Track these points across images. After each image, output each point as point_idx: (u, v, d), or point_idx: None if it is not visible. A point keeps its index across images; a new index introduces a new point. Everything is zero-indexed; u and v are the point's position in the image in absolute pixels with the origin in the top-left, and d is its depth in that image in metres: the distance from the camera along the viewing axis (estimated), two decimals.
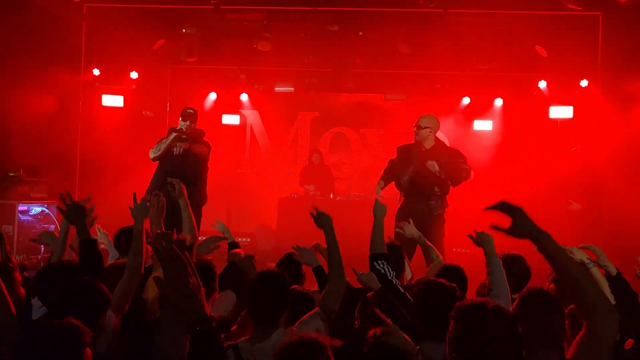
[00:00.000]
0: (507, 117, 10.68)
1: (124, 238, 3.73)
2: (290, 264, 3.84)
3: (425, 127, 5.92)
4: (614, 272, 3.27)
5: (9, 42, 7.83)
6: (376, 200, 3.89)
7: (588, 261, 3.35)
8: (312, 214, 3.41)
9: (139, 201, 3.30)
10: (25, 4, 7.96)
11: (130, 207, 3.29)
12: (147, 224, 3.37)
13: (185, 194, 4.16)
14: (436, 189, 5.85)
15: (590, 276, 2.71)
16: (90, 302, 2.70)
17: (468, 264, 4.22)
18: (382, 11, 8.85)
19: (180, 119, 6.24)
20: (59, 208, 3.28)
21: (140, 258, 3.11)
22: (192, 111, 6.23)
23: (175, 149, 6.13)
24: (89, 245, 3.18)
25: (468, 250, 9.34)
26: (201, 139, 6.38)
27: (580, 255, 3.40)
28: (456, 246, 8.99)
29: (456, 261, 4.18)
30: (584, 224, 8.17)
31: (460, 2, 8.21)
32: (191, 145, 6.21)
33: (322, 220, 3.38)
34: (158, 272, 2.91)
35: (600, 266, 3.32)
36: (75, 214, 3.20)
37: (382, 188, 6.05)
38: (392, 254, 3.74)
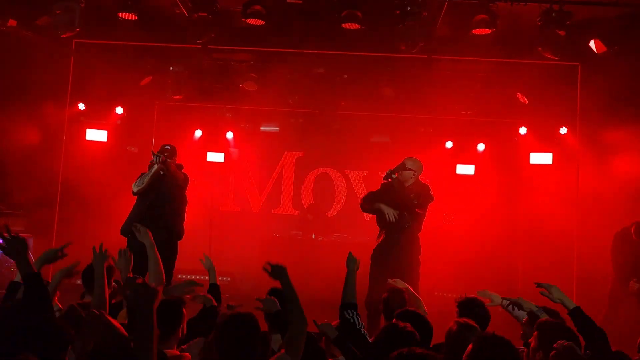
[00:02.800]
0: (489, 162, 10.83)
1: (90, 276, 3.76)
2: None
3: (410, 169, 6.06)
4: (570, 306, 3.43)
5: None
6: (350, 253, 4.07)
7: (536, 309, 3.68)
8: (265, 269, 3.36)
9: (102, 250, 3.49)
10: (15, 37, 8.01)
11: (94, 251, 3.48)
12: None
13: (151, 236, 4.18)
14: (405, 222, 6.05)
15: None
16: (49, 342, 2.66)
17: (448, 307, 4.23)
18: (367, 55, 9.03)
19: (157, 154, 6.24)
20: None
21: (102, 298, 3.30)
22: (169, 147, 6.32)
23: (155, 158, 6.09)
24: (34, 279, 2.97)
25: (449, 295, 9.36)
26: (179, 170, 6.41)
27: (527, 305, 3.74)
28: (437, 290, 9.00)
29: (437, 305, 4.20)
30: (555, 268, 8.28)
31: (443, 49, 8.40)
32: (171, 168, 6.24)
33: (276, 272, 3.33)
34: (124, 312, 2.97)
35: (555, 302, 3.51)
36: (19, 246, 3.07)
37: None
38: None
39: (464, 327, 3.23)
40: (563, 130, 9.69)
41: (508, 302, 4.00)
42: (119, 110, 10.23)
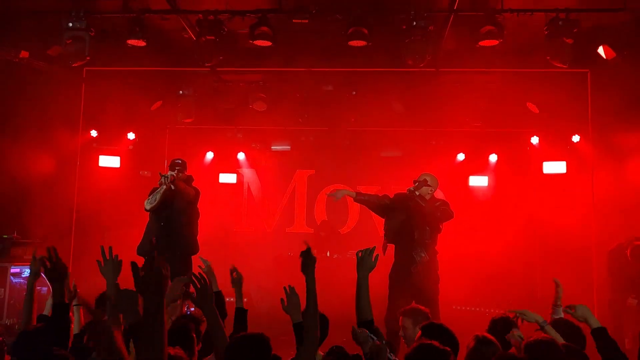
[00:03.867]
0: (502, 173, 10.74)
1: (104, 302, 3.67)
2: None
3: (429, 185, 6.03)
4: (594, 325, 3.40)
5: (10, 103, 7.98)
6: (358, 253, 3.59)
7: (542, 321, 3.66)
8: (305, 242, 3.28)
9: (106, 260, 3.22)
10: (27, 67, 8.15)
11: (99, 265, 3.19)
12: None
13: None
14: (423, 238, 6.03)
15: None
16: None
17: (466, 321, 4.17)
18: (375, 71, 9.05)
19: (169, 171, 6.30)
20: (42, 264, 3.22)
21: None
22: (179, 161, 6.35)
23: (163, 179, 6.10)
24: (62, 308, 3.12)
25: (468, 308, 9.25)
26: (189, 183, 6.42)
27: (533, 317, 3.71)
28: (455, 304, 8.90)
29: (455, 319, 4.13)
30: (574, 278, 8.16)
31: (451, 62, 8.40)
32: (180, 185, 6.26)
33: (307, 261, 3.24)
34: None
35: (579, 320, 3.52)
36: (58, 272, 3.12)
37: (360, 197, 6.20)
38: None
39: (482, 342, 3.18)
40: (576, 138, 9.59)
41: (516, 313, 3.92)
42: (131, 135, 10.33)
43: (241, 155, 11.64)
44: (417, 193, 5.96)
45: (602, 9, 7.13)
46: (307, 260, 3.23)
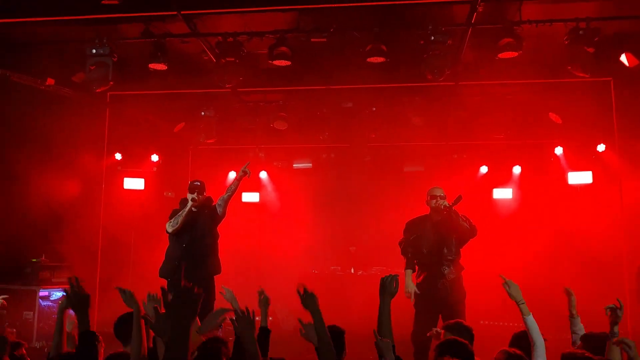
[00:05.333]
0: (526, 185, 10.62)
1: (124, 325, 3.71)
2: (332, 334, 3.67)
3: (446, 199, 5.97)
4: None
5: (38, 130, 8.16)
6: (382, 279, 3.54)
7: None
8: (298, 292, 3.32)
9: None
10: (53, 94, 8.35)
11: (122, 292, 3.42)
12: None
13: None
14: (450, 254, 5.95)
15: None
16: None
17: (494, 335, 4.10)
18: (394, 87, 9.06)
19: (188, 193, 6.26)
20: (65, 293, 3.28)
21: (140, 345, 3.23)
22: (198, 183, 6.30)
23: (187, 201, 6.14)
24: (88, 336, 3.15)
25: (496, 323, 9.08)
26: (209, 205, 6.40)
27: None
28: (484, 319, 8.76)
29: (483, 333, 4.06)
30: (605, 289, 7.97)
31: (471, 75, 8.36)
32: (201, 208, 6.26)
33: (307, 301, 3.29)
34: None
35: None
36: (79, 301, 3.18)
37: (413, 272, 6.03)
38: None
39: (512, 356, 3.13)
40: (601, 147, 9.44)
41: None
42: (155, 157, 10.48)
43: (263, 174, 11.71)
44: (454, 208, 5.86)
45: (623, 17, 7.03)
46: (307, 300, 3.28)
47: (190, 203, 6.14)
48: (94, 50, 7.18)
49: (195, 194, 6.16)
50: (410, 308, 5.99)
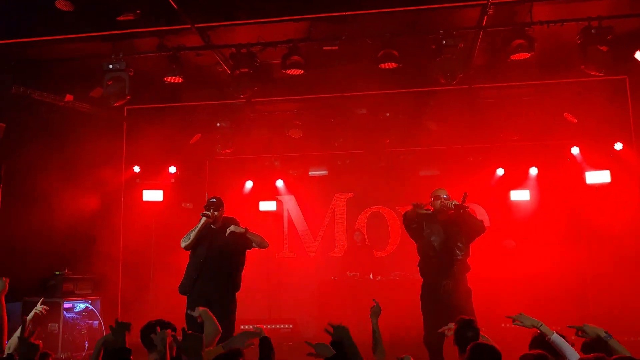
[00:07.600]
0: (543, 186, 10.54)
1: (150, 333, 3.81)
2: None
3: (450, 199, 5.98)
4: (602, 334, 3.49)
5: (58, 145, 8.32)
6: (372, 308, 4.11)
7: (605, 334, 3.59)
8: (327, 331, 3.52)
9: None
10: (72, 109, 8.52)
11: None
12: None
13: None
14: (460, 250, 5.93)
15: None
16: None
17: (513, 335, 4.09)
18: (407, 92, 9.09)
19: (205, 210, 6.15)
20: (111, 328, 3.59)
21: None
22: (214, 200, 6.18)
23: (208, 215, 6.11)
24: (123, 352, 3.44)
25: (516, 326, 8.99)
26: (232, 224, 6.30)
27: (593, 330, 3.66)
28: (504, 321, 8.68)
29: (501, 336, 4.05)
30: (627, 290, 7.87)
31: (483, 77, 8.36)
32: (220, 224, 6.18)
33: (340, 333, 3.47)
34: None
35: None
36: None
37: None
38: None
39: (535, 357, 3.13)
40: (618, 146, 9.35)
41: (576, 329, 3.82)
42: (172, 169, 10.61)
43: (280, 183, 11.78)
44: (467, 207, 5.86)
45: (635, 14, 7.00)
46: (339, 332, 3.48)
47: (203, 219, 6.10)
48: (110, 66, 7.32)
49: (211, 210, 6.11)
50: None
